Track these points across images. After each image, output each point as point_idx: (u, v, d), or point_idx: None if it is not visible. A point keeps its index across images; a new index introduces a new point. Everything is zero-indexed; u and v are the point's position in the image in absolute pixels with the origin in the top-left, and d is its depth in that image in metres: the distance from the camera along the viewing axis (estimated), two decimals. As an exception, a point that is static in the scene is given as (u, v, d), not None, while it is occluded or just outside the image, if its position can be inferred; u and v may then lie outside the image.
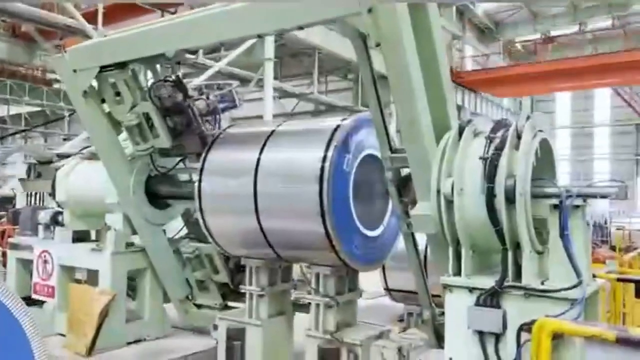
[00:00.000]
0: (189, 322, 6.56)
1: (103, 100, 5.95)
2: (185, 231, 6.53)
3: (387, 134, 4.58)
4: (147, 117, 5.84)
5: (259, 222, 4.95)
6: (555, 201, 3.23)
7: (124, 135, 6.27)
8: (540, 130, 3.54)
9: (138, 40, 5.03)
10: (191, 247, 6.16)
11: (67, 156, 8.34)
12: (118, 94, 5.85)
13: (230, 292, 6.17)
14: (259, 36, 5.74)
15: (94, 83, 5.82)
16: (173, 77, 5.83)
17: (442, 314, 5.00)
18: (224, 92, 6.27)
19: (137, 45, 5.15)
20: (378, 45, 3.72)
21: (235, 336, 5.23)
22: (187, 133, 5.84)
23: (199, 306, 6.40)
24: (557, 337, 2.96)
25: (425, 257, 6.83)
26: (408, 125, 3.91)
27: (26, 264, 7.85)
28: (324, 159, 4.59)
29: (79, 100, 5.69)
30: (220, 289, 6.23)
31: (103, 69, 5.61)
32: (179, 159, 6.33)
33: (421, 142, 3.87)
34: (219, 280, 6.18)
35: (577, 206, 3.22)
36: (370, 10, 3.55)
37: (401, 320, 8.10)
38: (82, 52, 5.48)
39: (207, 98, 5.98)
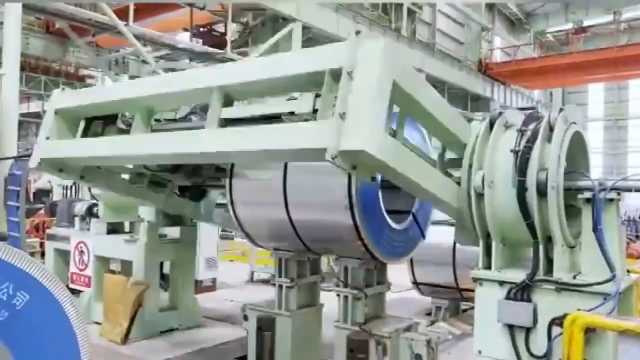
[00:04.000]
0: None
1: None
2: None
3: None
4: None
5: (288, 215, 5.02)
6: (588, 195, 3.19)
7: None
8: (573, 123, 3.50)
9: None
10: None
11: None
12: None
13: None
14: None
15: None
16: None
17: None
18: None
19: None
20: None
21: (266, 326, 5.32)
22: None
23: None
24: (589, 332, 2.94)
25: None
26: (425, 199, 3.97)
27: (63, 255, 8.12)
28: (353, 152, 4.60)
29: None
30: None
31: None
32: None
33: (444, 205, 3.64)
34: None
35: (611, 200, 3.18)
36: (354, 167, 2.99)
37: (429, 314, 8.11)
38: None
39: None
